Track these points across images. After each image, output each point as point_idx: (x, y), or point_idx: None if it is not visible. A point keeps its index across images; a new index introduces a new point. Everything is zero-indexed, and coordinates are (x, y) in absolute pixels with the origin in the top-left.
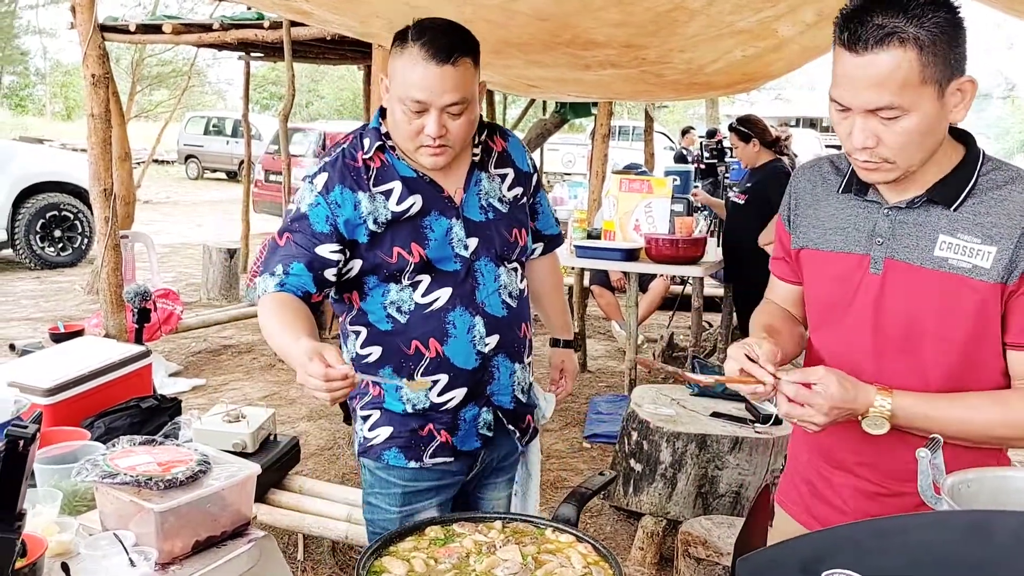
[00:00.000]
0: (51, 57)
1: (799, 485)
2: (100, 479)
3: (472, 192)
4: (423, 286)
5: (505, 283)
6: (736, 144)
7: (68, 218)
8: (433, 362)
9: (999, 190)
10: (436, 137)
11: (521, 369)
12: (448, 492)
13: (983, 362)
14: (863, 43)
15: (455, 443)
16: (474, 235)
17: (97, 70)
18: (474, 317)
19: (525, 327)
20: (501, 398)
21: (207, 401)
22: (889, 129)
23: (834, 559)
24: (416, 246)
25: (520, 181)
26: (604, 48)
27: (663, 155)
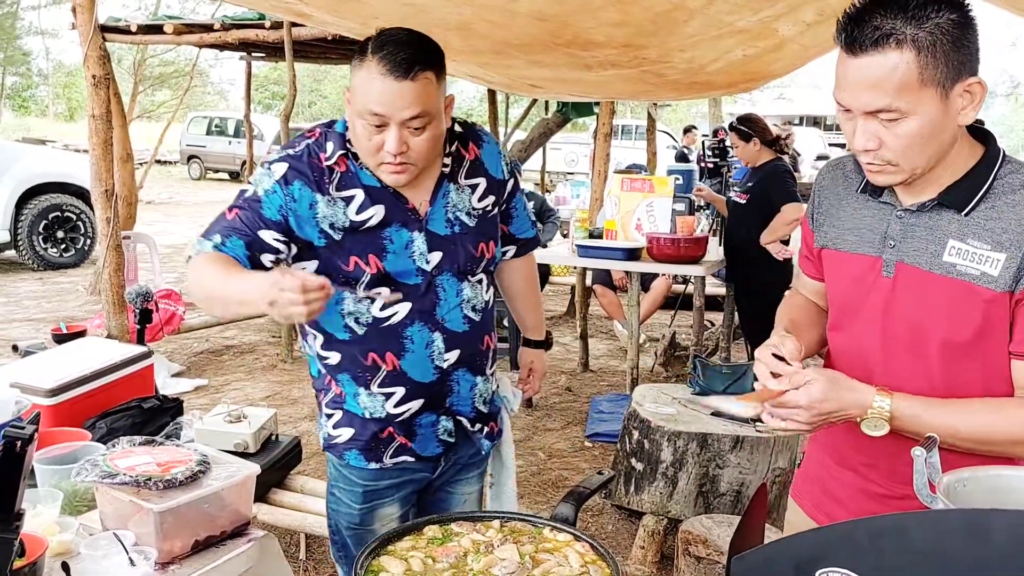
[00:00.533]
0: (53, 58)
1: (811, 482)
2: (100, 479)
3: (439, 205)
4: (380, 301)
5: (468, 297)
6: (737, 143)
7: (71, 219)
8: (390, 375)
9: (1014, 194)
10: (396, 154)
11: (483, 381)
12: (411, 488)
13: (989, 369)
14: (860, 45)
15: (414, 447)
16: (438, 249)
17: (98, 71)
18: (433, 333)
19: (488, 339)
20: (461, 408)
21: (209, 401)
22: (890, 131)
23: (829, 558)
24: (374, 258)
25: (492, 190)
26: (604, 48)
27: (665, 154)
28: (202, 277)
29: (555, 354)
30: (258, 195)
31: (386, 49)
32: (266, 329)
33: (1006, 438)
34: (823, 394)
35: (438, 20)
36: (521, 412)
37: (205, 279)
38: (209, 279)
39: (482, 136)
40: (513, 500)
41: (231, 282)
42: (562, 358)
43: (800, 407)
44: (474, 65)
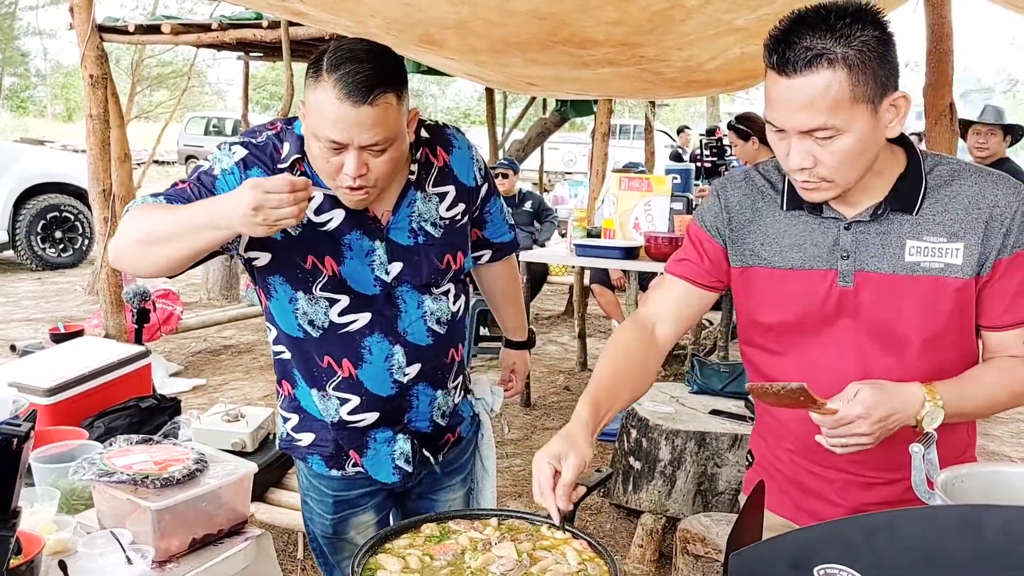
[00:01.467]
0: (51, 58)
1: (783, 485)
2: (97, 478)
3: (403, 214)
4: (340, 306)
5: (431, 310)
6: (735, 142)
7: (69, 219)
8: (345, 381)
9: (949, 187)
10: (355, 176)
11: (443, 395)
12: (384, 496)
13: (965, 354)
14: (792, 66)
15: (366, 467)
16: (399, 260)
17: (95, 71)
18: (393, 346)
19: (454, 352)
20: (419, 424)
21: (207, 401)
22: (825, 149)
23: (826, 554)
24: (331, 261)
25: (462, 197)
26: (602, 46)
27: (664, 154)
28: (143, 220)
29: (553, 353)
30: (215, 173)
31: (343, 69)
32: (264, 329)
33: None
34: (875, 398)
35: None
36: (519, 411)
37: (147, 221)
38: (153, 218)
39: (452, 141)
40: (491, 505)
41: (188, 210)
42: (560, 357)
43: (859, 416)
44: (471, 64)
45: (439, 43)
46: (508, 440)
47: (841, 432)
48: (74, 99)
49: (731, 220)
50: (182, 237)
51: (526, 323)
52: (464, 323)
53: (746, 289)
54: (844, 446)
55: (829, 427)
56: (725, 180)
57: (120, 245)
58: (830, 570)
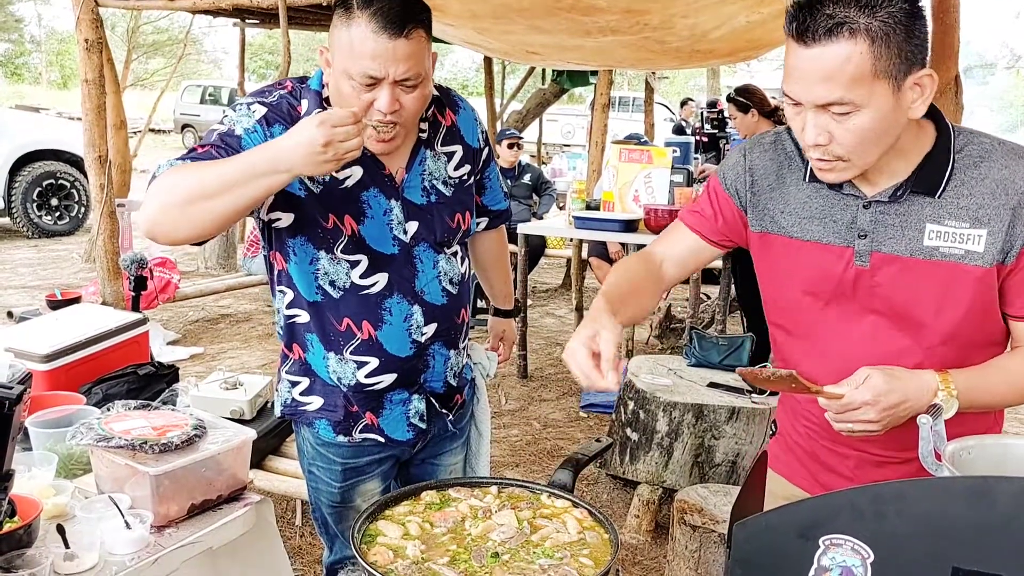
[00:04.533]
0: (46, 24)
1: (802, 458)
2: (95, 443)
3: (416, 172)
4: (361, 267)
5: (445, 270)
6: (735, 115)
7: (65, 186)
8: (364, 344)
9: (977, 168)
10: (388, 112)
11: (456, 355)
12: (391, 463)
13: (980, 339)
14: (812, 34)
15: (382, 426)
16: (414, 219)
17: (91, 35)
18: (412, 306)
19: (464, 312)
20: (433, 384)
21: (205, 369)
22: (842, 126)
23: (832, 524)
24: (350, 220)
25: (468, 158)
26: (606, 13)
27: (663, 126)
28: (186, 177)
29: (551, 326)
30: (237, 133)
31: (375, 4)
32: (262, 298)
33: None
34: (887, 385)
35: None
36: (516, 383)
37: (191, 177)
38: (199, 174)
39: (458, 102)
40: (486, 467)
41: (241, 160)
42: (558, 330)
43: (867, 403)
44: (472, 31)
45: (440, 8)
46: (505, 411)
47: (847, 418)
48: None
49: (754, 183)
50: (235, 188)
51: (512, 292)
52: (468, 286)
53: (763, 255)
54: (850, 431)
55: (835, 411)
56: (754, 141)
57: (158, 209)
58: (836, 540)
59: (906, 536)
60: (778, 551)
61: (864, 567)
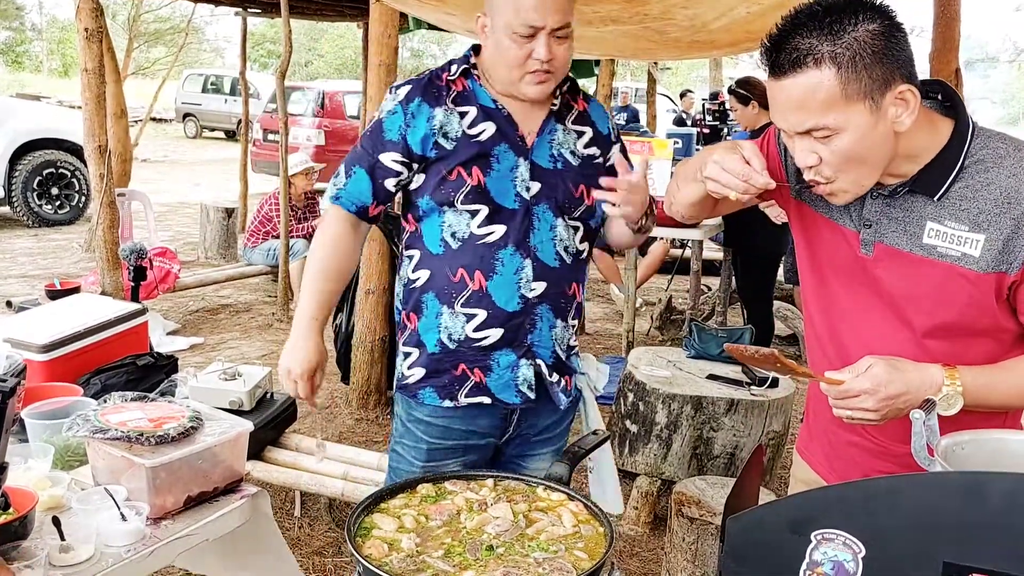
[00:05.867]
0: (47, 12)
1: (823, 444)
2: (91, 434)
3: (545, 139)
4: (480, 216)
5: (562, 236)
6: (735, 107)
7: (65, 175)
8: (475, 295)
9: (986, 174)
10: (545, 60)
11: (563, 327)
12: (476, 453)
13: (974, 343)
14: (780, 67)
15: (489, 385)
16: (538, 180)
17: (91, 24)
18: (524, 259)
19: (576, 288)
20: (541, 351)
21: (204, 359)
22: (827, 148)
23: (824, 519)
24: (477, 170)
25: (599, 143)
26: (606, 3)
27: (666, 117)
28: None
29: None
30: (380, 118)
31: None
32: (262, 289)
33: None
34: (887, 375)
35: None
36: None
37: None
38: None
39: (590, 96)
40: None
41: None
42: None
43: (865, 392)
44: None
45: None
46: None
47: (845, 404)
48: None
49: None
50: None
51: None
52: (585, 270)
53: (799, 225)
54: (849, 418)
55: (834, 397)
56: None
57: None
58: (828, 534)
59: (897, 531)
60: (770, 545)
61: (856, 562)
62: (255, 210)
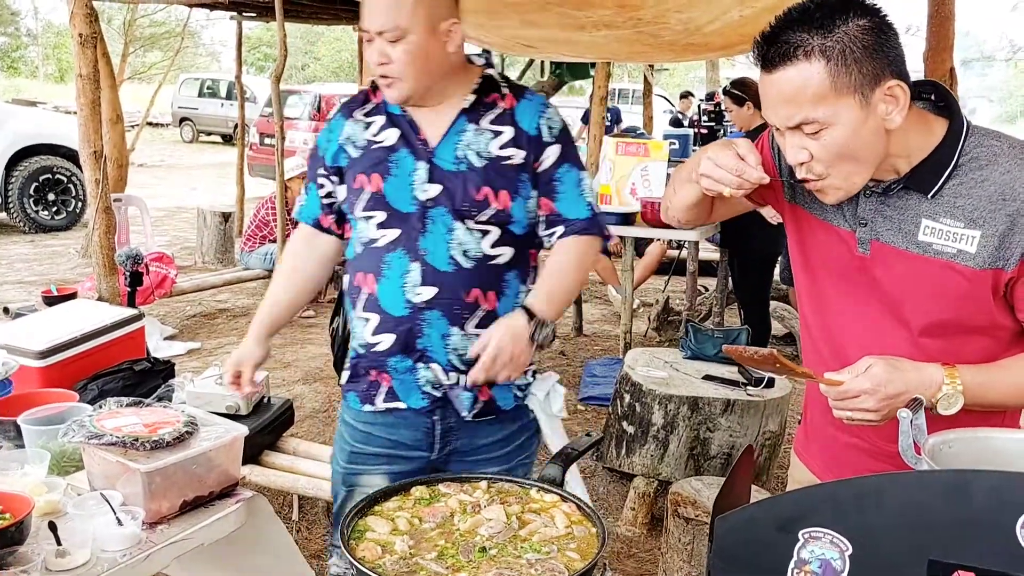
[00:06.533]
0: (42, 18)
1: (819, 443)
2: (86, 440)
3: (451, 140)
4: (375, 221)
5: (461, 240)
6: (730, 107)
7: (62, 181)
8: (369, 299)
9: (980, 171)
10: (376, 64)
11: (461, 336)
12: (402, 465)
13: (971, 341)
14: (770, 60)
15: (396, 391)
16: (437, 182)
17: (85, 29)
18: (412, 263)
19: (479, 294)
20: (435, 356)
21: (202, 364)
22: (817, 143)
23: (812, 518)
24: (377, 177)
25: (520, 143)
26: (599, 8)
27: (662, 119)
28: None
29: None
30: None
31: None
32: (259, 293)
33: None
34: (887, 375)
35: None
36: None
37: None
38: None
39: (526, 94)
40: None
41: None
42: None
43: (865, 392)
44: (467, 25)
45: None
46: None
47: (845, 405)
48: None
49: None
50: None
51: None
52: (505, 277)
53: (793, 228)
54: (849, 419)
55: (833, 398)
56: None
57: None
58: (815, 533)
59: (884, 529)
60: (759, 544)
61: (843, 560)
62: (252, 214)
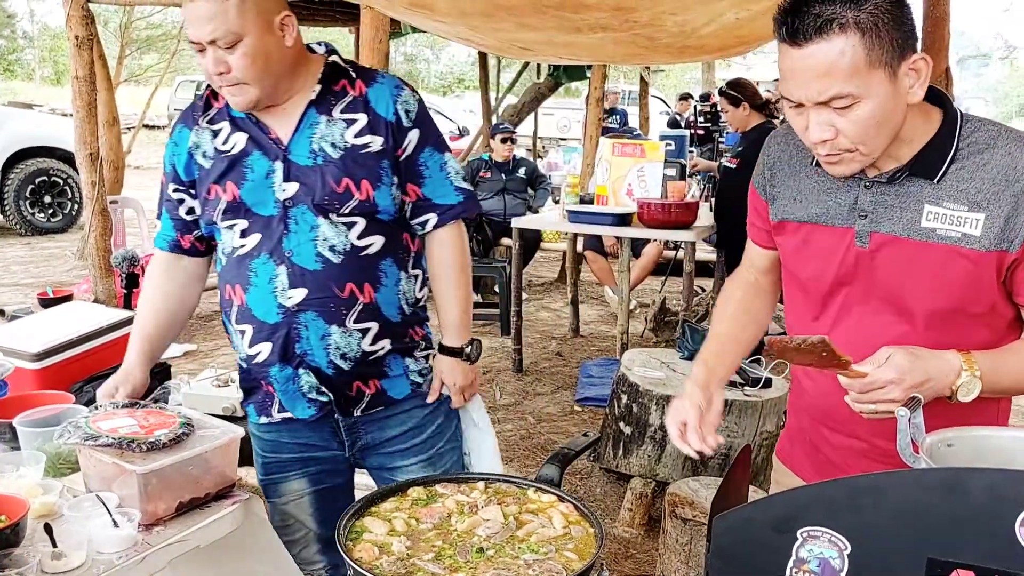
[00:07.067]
0: (39, 20)
1: (807, 450)
2: (82, 441)
3: (304, 135)
4: (239, 228)
5: (326, 235)
6: (726, 108)
7: (58, 183)
8: (240, 311)
9: (981, 155)
10: (215, 74)
11: (342, 334)
12: (319, 465)
13: (971, 331)
14: (803, 34)
15: (283, 402)
16: (295, 179)
17: (81, 31)
18: (278, 266)
19: (354, 288)
20: (315, 360)
21: (198, 366)
22: (845, 118)
23: (809, 517)
24: (231, 184)
25: (376, 129)
26: (595, 11)
27: (659, 120)
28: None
29: (546, 320)
30: (165, 158)
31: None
32: None
33: None
34: (910, 363)
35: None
36: (511, 377)
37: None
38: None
39: (378, 78)
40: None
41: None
42: (553, 324)
43: (891, 382)
44: (463, 27)
45: (429, 6)
46: (500, 405)
47: (871, 397)
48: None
49: (773, 175)
50: None
51: (470, 323)
52: (380, 266)
53: (781, 244)
54: (874, 412)
55: (858, 391)
56: (771, 135)
57: None
58: (813, 532)
59: (882, 528)
60: (756, 544)
61: (841, 559)
62: None
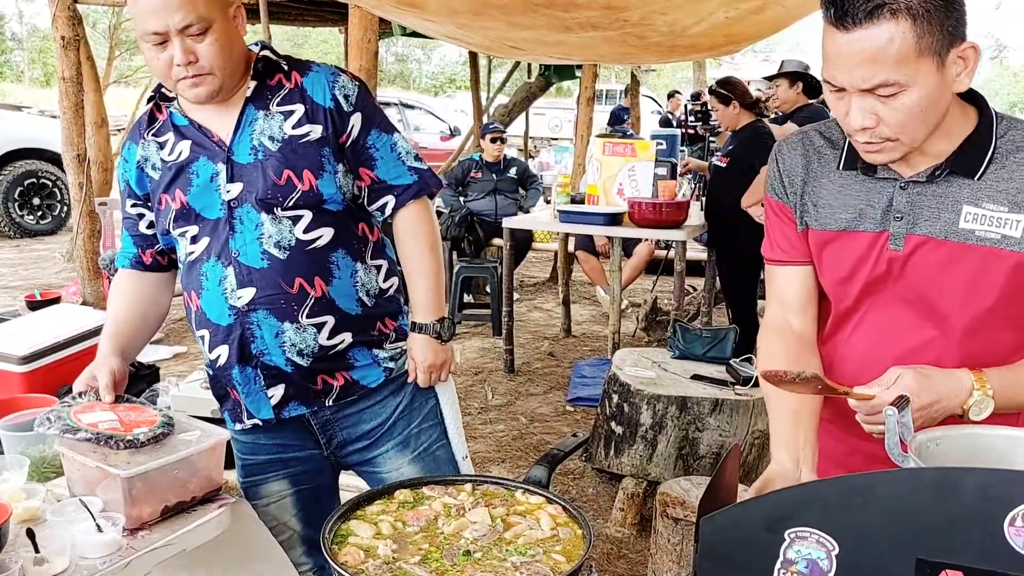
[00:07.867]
0: (27, 22)
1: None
2: (61, 433)
3: (245, 133)
4: (189, 235)
5: (270, 232)
6: (716, 107)
7: (47, 186)
8: (198, 316)
9: (1018, 153)
10: (184, 64)
11: (296, 331)
12: (300, 465)
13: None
14: (852, 18)
15: (248, 407)
16: (238, 179)
17: (67, 32)
18: (226, 268)
19: (303, 283)
20: (272, 359)
21: (188, 368)
22: (888, 106)
23: (798, 517)
24: (179, 192)
25: (315, 119)
26: (585, 10)
27: (650, 119)
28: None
29: (538, 320)
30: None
31: None
32: None
33: None
34: (918, 384)
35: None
36: (503, 377)
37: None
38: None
39: (312, 67)
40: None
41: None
42: (545, 324)
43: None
44: (452, 26)
45: (418, 4)
46: (491, 406)
47: (878, 419)
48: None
49: (790, 183)
50: None
51: (442, 301)
52: (330, 258)
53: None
54: (881, 432)
55: (865, 412)
56: (780, 143)
57: None
58: (801, 532)
59: (871, 528)
60: (745, 544)
61: (829, 559)
62: None
